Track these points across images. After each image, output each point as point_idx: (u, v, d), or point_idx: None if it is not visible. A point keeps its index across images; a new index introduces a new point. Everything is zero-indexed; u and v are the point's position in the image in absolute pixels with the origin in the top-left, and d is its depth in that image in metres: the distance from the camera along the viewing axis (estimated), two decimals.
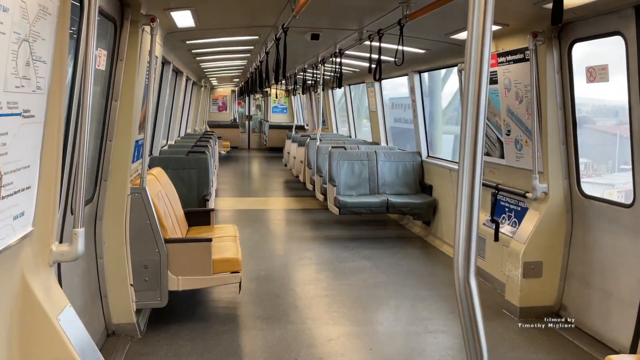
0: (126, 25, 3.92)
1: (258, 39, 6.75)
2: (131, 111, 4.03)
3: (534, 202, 4.83)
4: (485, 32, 1.09)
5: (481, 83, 1.08)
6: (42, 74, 2.09)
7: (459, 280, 1.05)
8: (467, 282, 1.04)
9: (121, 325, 4.12)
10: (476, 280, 1.09)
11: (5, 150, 1.85)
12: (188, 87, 11.64)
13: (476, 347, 1.06)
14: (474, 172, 1.04)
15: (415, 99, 7.96)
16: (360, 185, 7.98)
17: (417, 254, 6.78)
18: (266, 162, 17.46)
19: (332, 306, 4.95)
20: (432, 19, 4.53)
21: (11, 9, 1.76)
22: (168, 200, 5.02)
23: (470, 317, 1.05)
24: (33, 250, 2.26)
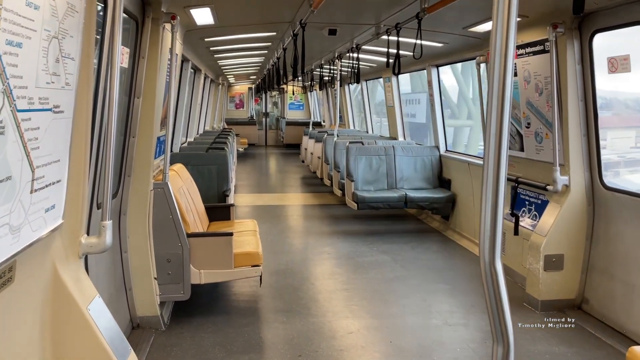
0: (147, 23, 3.98)
1: (275, 35, 6.79)
2: (153, 108, 4.11)
3: (554, 194, 4.80)
4: (510, 26, 1.11)
5: (506, 77, 1.10)
6: (70, 70, 2.15)
7: (485, 263, 1.07)
8: (493, 265, 1.06)
9: (145, 317, 4.20)
10: (501, 264, 1.11)
11: (37, 144, 1.91)
12: (206, 84, 11.75)
13: (502, 329, 1.08)
14: (499, 157, 1.06)
15: (433, 93, 7.93)
16: (378, 180, 7.98)
17: (436, 248, 6.77)
18: (283, 159, 17.54)
19: (352, 300, 4.98)
20: (450, 12, 4.51)
21: (42, 7, 1.82)
22: (189, 196, 5.10)
23: (495, 300, 1.07)
24: (63, 242, 2.33)
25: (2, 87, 1.61)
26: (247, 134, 19.59)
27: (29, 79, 1.79)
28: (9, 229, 1.77)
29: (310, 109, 21.55)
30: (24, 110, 1.77)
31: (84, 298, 2.35)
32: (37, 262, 2.12)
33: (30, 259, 2.02)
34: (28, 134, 1.83)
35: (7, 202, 1.74)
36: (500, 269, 1.08)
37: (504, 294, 1.08)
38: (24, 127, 1.79)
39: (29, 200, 1.91)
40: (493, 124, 1.08)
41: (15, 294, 1.94)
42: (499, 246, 1.08)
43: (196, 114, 10.45)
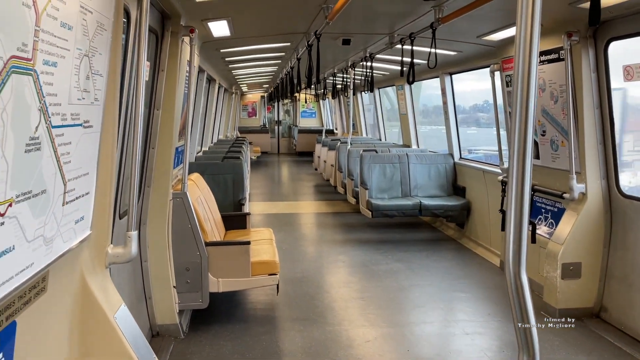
0: (167, 36, 4.07)
1: (290, 45, 6.87)
2: (172, 119, 4.19)
3: (571, 202, 4.79)
4: (532, 37, 1.14)
5: (530, 85, 1.13)
6: (99, 86, 2.22)
7: (511, 275, 1.10)
8: (519, 277, 1.09)
9: (165, 325, 4.26)
10: (527, 275, 1.14)
11: (69, 158, 1.98)
12: (220, 94, 11.88)
13: (528, 339, 1.11)
14: (523, 169, 1.10)
15: (446, 100, 7.95)
16: (392, 188, 8.01)
17: (451, 256, 6.76)
18: (296, 167, 17.61)
19: (368, 308, 5.00)
20: (463, 22, 4.55)
21: (75, 27, 1.90)
22: (207, 205, 5.17)
23: (521, 310, 1.10)
24: (91, 253, 2.40)
25: (39, 104, 1.68)
26: (259, 142, 19.71)
27: (63, 96, 1.86)
28: (43, 240, 1.83)
29: (322, 116, 21.64)
30: (57, 126, 1.84)
31: (111, 307, 2.41)
32: (67, 272, 2.19)
33: (60, 269, 2.09)
34: (61, 149, 1.90)
35: (42, 215, 1.80)
36: (525, 280, 1.11)
37: (529, 305, 1.11)
38: (58, 142, 1.86)
39: (61, 213, 1.97)
40: (516, 141, 1.11)
41: (47, 303, 2.00)
42: (524, 258, 1.11)
43: (211, 123, 10.57)
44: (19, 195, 1.62)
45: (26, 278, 1.73)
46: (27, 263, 1.73)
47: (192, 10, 4.11)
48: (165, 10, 3.87)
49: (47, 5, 1.66)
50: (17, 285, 1.67)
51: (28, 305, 1.83)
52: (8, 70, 1.46)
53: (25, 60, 1.56)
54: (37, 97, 1.66)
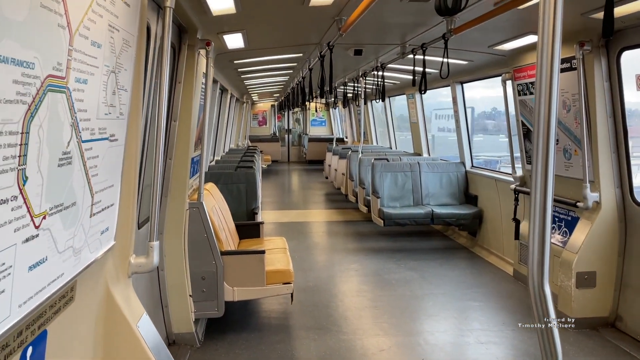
0: (184, 49, 4.16)
1: (302, 56, 6.94)
2: (188, 130, 4.26)
3: (585, 211, 4.79)
4: (554, 48, 1.18)
5: (552, 96, 1.16)
6: (124, 101, 2.29)
7: (534, 286, 1.13)
8: (542, 288, 1.12)
9: (181, 334, 4.31)
10: (549, 287, 1.18)
11: (96, 171, 2.04)
12: (232, 103, 11.99)
13: (551, 350, 1.13)
14: (546, 181, 1.13)
15: (457, 109, 7.98)
16: (404, 197, 8.03)
17: (464, 265, 6.76)
18: (306, 175, 17.67)
19: (382, 317, 5.01)
20: (475, 32, 4.58)
21: (103, 45, 1.97)
22: (222, 214, 5.23)
23: (545, 322, 1.13)
24: (114, 263, 2.46)
25: (71, 120, 1.75)
26: (270, 150, 19.82)
27: (92, 112, 1.93)
28: (72, 251, 1.89)
29: (332, 125, 21.71)
30: (87, 140, 1.91)
31: (133, 315, 2.47)
32: (93, 282, 2.25)
33: (87, 279, 2.15)
34: (89, 162, 1.96)
35: (72, 227, 1.87)
36: (548, 292, 1.14)
37: (552, 316, 1.14)
38: (87, 156, 1.92)
39: (89, 224, 2.03)
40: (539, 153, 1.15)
41: (75, 312, 2.05)
42: (547, 269, 1.15)
43: (223, 133, 10.67)
44: (52, 208, 1.68)
45: (57, 288, 1.78)
46: (58, 273, 1.79)
47: (208, 24, 4.20)
48: (183, 25, 3.95)
49: (80, 25, 1.73)
50: (49, 295, 1.73)
51: (58, 314, 1.89)
52: (45, 89, 1.53)
53: (60, 78, 1.63)
54: (70, 114, 1.73)
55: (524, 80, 5.61)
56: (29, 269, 1.58)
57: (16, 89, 1.38)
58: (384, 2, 3.60)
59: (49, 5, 1.51)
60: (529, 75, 5.50)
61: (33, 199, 1.54)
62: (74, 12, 1.68)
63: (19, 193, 1.46)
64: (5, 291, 1.45)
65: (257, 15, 4.23)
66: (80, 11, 1.73)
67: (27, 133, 1.45)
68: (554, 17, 1.19)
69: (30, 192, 1.52)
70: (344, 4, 3.95)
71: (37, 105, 1.49)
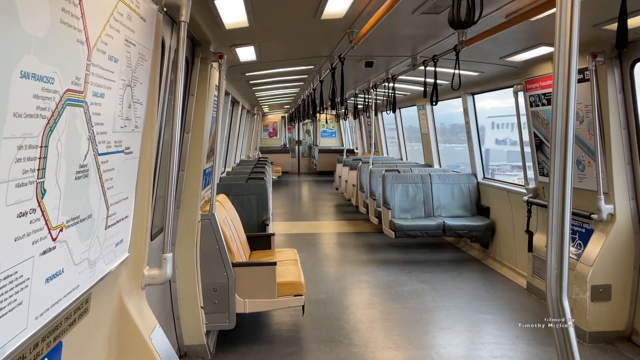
0: (197, 62, 4.20)
1: (313, 68, 6.98)
2: (201, 142, 4.29)
3: (599, 223, 4.73)
4: (571, 60, 1.18)
5: (569, 107, 1.16)
6: (139, 114, 2.32)
7: (552, 301, 1.12)
8: (560, 303, 1.11)
9: (192, 346, 4.31)
10: (568, 301, 1.16)
11: (112, 184, 2.06)
12: (242, 115, 12.07)
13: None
14: (564, 194, 1.12)
15: (469, 120, 7.96)
16: (415, 208, 8.00)
17: (476, 277, 6.70)
18: (317, 186, 17.67)
19: (394, 329, 4.97)
20: (486, 43, 4.59)
21: (120, 59, 2.00)
22: (233, 226, 5.24)
23: (564, 336, 1.12)
24: (128, 274, 2.47)
25: (88, 134, 1.77)
26: (280, 162, 19.87)
27: (108, 125, 1.95)
28: (88, 263, 1.91)
29: (342, 136, 21.75)
30: (103, 153, 1.93)
31: (147, 327, 2.47)
32: (107, 294, 2.26)
33: (101, 291, 2.16)
34: (105, 175, 1.98)
35: (88, 239, 1.88)
36: (567, 306, 1.13)
37: (571, 331, 1.13)
38: (103, 168, 1.95)
39: (104, 236, 2.05)
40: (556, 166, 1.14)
41: (90, 324, 2.06)
42: (565, 283, 1.13)
43: (234, 144, 10.73)
44: (69, 220, 1.69)
45: (72, 300, 1.80)
46: (73, 285, 1.80)
47: (221, 37, 4.24)
48: (196, 38, 4.00)
49: (98, 40, 1.76)
50: (65, 307, 1.74)
51: (73, 326, 1.90)
52: (64, 103, 1.55)
53: (78, 92, 1.65)
54: (87, 127, 1.75)
55: (536, 91, 5.59)
56: (46, 281, 1.59)
57: (36, 104, 1.40)
58: (395, 14, 3.62)
59: (68, 21, 1.54)
60: (541, 86, 5.48)
61: (51, 211, 1.56)
62: (93, 27, 1.71)
63: (37, 206, 1.48)
64: (23, 303, 1.46)
65: (270, 28, 4.27)
66: (98, 26, 1.76)
67: (46, 147, 1.48)
68: (571, 28, 1.19)
69: (49, 204, 1.54)
70: (356, 16, 3.98)
71: (56, 120, 1.52)
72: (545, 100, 5.48)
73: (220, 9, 3.40)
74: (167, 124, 3.48)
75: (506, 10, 3.62)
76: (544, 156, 5.73)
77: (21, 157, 1.36)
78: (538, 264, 5.86)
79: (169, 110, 3.55)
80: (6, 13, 1.23)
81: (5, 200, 1.31)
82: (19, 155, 1.34)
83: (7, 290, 1.37)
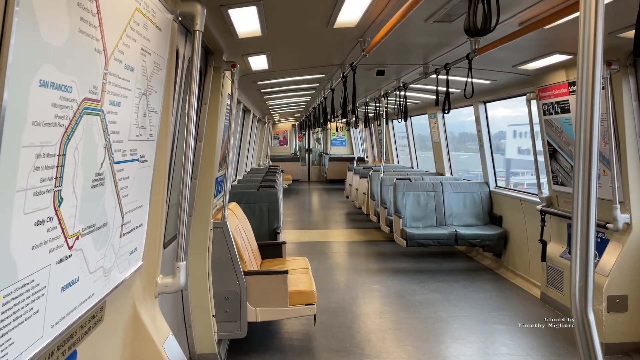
0: (210, 71, 4.23)
1: (324, 76, 7.00)
2: (213, 151, 4.31)
3: (615, 233, 4.67)
4: (595, 67, 1.16)
5: (593, 115, 1.13)
6: (154, 122, 2.33)
7: (577, 312, 1.10)
8: (585, 315, 1.09)
9: (204, 355, 4.29)
10: (593, 313, 1.14)
11: (127, 192, 2.07)
12: (254, 123, 12.12)
13: None
14: (589, 203, 1.10)
15: (480, 129, 7.92)
16: (427, 217, 7.95)
17: (489, 287, 6.62)
18: (327, 194, 17.65)
19: (406, 340, 4.92)
20: (499, 51, 4.57)
21: (136, 68, 2.01)
22: (245, 234, 5.24)
23: (589, 349, 1.09)
24: (142, 283, 2.47)
25: (105, 142, 1.78)
26: (290, 170, 19.90)
27: (124, 134, 1.96)
28: (102, 271, 1.91)
29: (353, 144, 21.74)
30: (119, 162, 1.94)
31: (160, 336, 2.46)
32: (121, 302, 2.26)
33: (115, 299, 2.16)
34: (121, 183, 1.99)
35: (103, 247, 1.88)
36: (592, 319, 1.11)
37: (597, 344, 1.10)
38: (118, 177, 1.95)
39: (119, 244, 2.05)
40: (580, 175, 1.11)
41: (104, 333, 2.06)
42: (590, 296, 1.11)
43: (245, 153, 10.77)
44: (85, 228, 1.70)
45: (87, 308, 1.80)
46: (89, 293, 1.80)
47: (234, 47, 4.27)
48: (210, 47, 4.02)
49: (115, 49, 1.77)
50: (80, 315, 1.74)
51: (87, 335, 1.89)
52: (81, 112, 1.56)
53: (95, 101, 1.66)
54: (103, 135, 1.76)
55: (549, 99, 5.54)
56: (62, 290, 1.59)
57: (54, 112, 1.41)
58: (407, 23, 3.61)
59: (86, 31, 1.55)
60: (554, 94, 5.44)
61: (67, 220, 1.56)
62: (110, 36, 1.72)
63: (55, 214, 1.48)
64: (39, 312, 1.46)
65: (282, 37, 4.28)
66: (115, 36, 1.77)
67: (63, 155, 1.48)
68: (595, 34, 1.17)
69: (65, 213, 1.54)
70: (368, 25, 3.98)
71: (73, 128, 1.52)
72: (559, 108, 5.43)
73: (234, 19, 3.42)
74: (179, 132, 3.49)
75: (520, 18, 3.60)
76: (558, 165, 5.67)
77: (39, 166, 1.36)
78: (552, 274, 5.78)
79: (182, 118, 3.57)
80: (26, 23, 1.24)
81: (24, 208, 1.32)
82: (37, 164, 1.35)
83: (24, 298, 1.37)
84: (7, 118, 1.19)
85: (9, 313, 1.31)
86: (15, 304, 1.33)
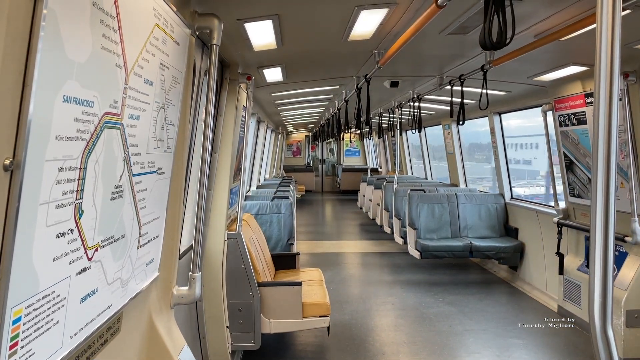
0: (225, 84, 4.28)
1: (338, 88, 7.03)
2: (228, 162, 4.34)
3: (634, 246, 4.59)
4: (613, 79, 1.15)
5: (611, 128, 1.13)
6: (171, 135, 2.36)
7: (597, 329, 1.08)
8: (604, 332, 1.07)
9: None
10: (613, 330, 1.12)
11: (144, 204, 2.10)
12: (267, 134, 12.20)
13: None
14: (607, 218, 1.09)
15: (495, 140, 7.87)
16: (442, 229, 7.89)
17: (505, 300, 6.54)
18: (340, 205, 17.63)
19: (420, 353, 4.87)
20: (514, 63, 4.55)
21: (155, 82, 2.04)
22: (258, 245, 5.25)
23: None
24: (158, 294, 2.49)
25: (124, 155, 1.81)
26: (304, 180, 19.94)
27: (142, 147, 1.99)
28: (120, 283, 1.93)
29: (366, 155, 21.74)
30: (137, 174, 1.97)
31: (175, 347, 2.48)
32: (137, 313, 2.27)
33: (132, 310, 2.18)
34: (139, 195, 2.01)
35: (121, 258, 1.91)
36: (611, 335, 1.09)
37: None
38: (136, 189, 1.98)
39: (136, 256, 2.08)
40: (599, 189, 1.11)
41: (121, 344, 2.08)
42: (610, 313, 1.10)
43: (259, 163, 10.83)
44: (104, 240, 1.72)
45: (105, 319, 1.81)
46: (106, 305, 1.82)
47: (249, 59, 4.31)
48: (225, 60, 4.07)
49: (135, 64, 1.81)
50: (98, 326, 1.76)
51: (105, 345, 1.91)
52: (102, 126, 1.59)
53: (115, 115, 1.69)
54: (123, 148, 1.79)
55: (565, 111, 5.50)
56: (81, 301, 1.61)
57: (77, 127, 1.44)
58: (422, 35, 3.62)
59: (108, 47, 1.58)
60: (570, 106, 5.40)
61: (87, 231, 1.59)
62: (130, 52, 1.76)
63: (75, 226, 1.50)
64: (59, 322, 1.48)
65: (297, 50, 4.32)
66: (135, 51, 1.81)
67: (84, 168, 1.51)
68: (612, 46, 1.17)
69: (85, 225, 1.57)
70: (382, 38, 4.00)
71: (94, 142, 1.55)
72: (575, 119, 5.39)
73: (250, 32, 3.46)
74: (195, 143, 3.53)
75: (535, 30, 3.59)
76: (575, 176, 5.61)
77: (61, 179, 1.39)
78: (569, 287, 5.70)
79: (198, 130, 3.61)
80: (52, 41, 1.27)
81: (46, 221, 1.34)
82: (59, 177, 1.38)
83: (45, 309, 1.39)
84: (32, 133, 1.22)
85: (30, 324, 1.33)
86: (36, 315, 1.35)
